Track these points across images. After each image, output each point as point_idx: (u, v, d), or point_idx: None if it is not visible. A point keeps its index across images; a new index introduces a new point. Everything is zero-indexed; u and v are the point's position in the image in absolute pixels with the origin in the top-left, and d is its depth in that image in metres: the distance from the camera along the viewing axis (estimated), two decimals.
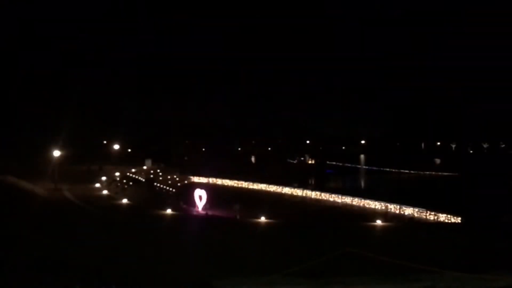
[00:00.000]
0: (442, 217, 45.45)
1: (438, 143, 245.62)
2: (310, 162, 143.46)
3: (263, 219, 36.16)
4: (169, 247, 18.71)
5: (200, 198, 51.09)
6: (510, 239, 22.02)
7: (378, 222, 36.47)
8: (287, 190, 70.06)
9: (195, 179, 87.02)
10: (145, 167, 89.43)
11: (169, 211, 39.47)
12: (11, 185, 42.33)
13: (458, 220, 43.60)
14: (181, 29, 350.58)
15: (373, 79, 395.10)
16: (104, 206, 38.55)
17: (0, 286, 10.44)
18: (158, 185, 72.83)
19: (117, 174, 70.10)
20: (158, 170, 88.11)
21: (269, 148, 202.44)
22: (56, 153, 49.51)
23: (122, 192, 52.20)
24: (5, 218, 24.30)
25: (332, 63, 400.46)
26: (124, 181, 65.39)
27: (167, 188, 72.06)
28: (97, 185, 54.18)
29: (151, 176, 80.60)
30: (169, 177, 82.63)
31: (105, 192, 49.14)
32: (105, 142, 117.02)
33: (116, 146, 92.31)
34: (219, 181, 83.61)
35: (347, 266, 9.70)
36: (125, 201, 43.59)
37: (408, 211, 49.56)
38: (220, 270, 12.28)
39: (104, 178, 61.24)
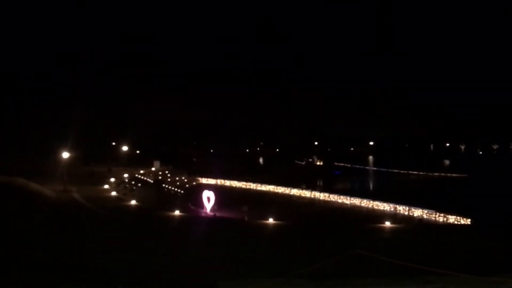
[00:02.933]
0: (452, 219, 45.12)
1: (447, 144, 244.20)
2: (318, 163, 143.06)
3: (271, 220, 36.10)
4: (176, 248, 18.71)
5: (208, 199, 51.14)
6: None
7: (387, 223, 36.27)
8: (295, 191, 69.97)
9: (203, 180, 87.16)
10: (153, 169, 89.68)
11: (177, 212, 39.55)
12: (21, 186, 42.68)
13: (468, 221, 43.25)
14: (190, 30, 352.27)
15: (382, 80, 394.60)
16: (113, 207, 38.66)
17: (9, 286, 10.49)
18: (167, 186, 72.99)
19: (126, 175, 70.35)
20: (167, 172, 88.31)
21: (277, 149, 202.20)
22: (65, 154, 49.79)
23: (130, 194, 52.34)
24: (15, 219, 24.48)
25: (341, 64, 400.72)
26: (133, 182, 65.58)
27: (176, 189, 72.20)
28: (106, 186, 54.39)
29: (160, 177, 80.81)
30: (177, 178, 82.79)
31: (113, 193, 49.31)
32: (113, 143, 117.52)
33: (125, 148, 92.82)
34: (227, 183, 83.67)
35: (356, 268, 9.62)
36: (133, 202, 43.71)
37: (417, 212, 49.28)
38: (227, 271, 12.25)
39: (112, 179, 61.46)
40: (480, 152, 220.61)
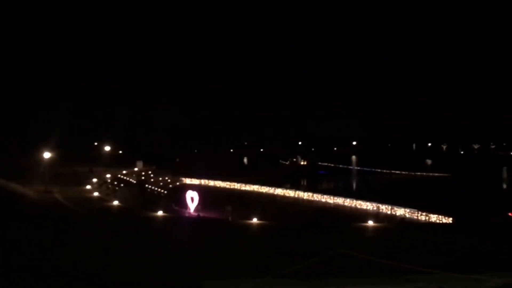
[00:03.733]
0: (433, 218, 45.74)
1: (429, 144, 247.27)
2: (302, 163, 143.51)
3: (255, 220, 36.10)
4: (160, 249, 18.58)
5: (192, 199, 51.00)
6: (500, 240, 22.15)
7: (370, 222, 36.54)
8: (279, 191, 70.18)
9: (187, 180, 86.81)
10: (136, 169, 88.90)
11: (160, 213, 39.28)
12: (0, 187, 41.91)
13: (449, 220, 43.88)
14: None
15: (364, 80, 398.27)
16: (95, 208, 38.23)
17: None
18: (150, 187, 72.50)
19: (108, 176, 69.59)
20: (150, 172, 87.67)
21: (261, 149, 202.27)
22: (47, 154, 49.05)
23: (113, 194, 51.80)
24: None
25: (325, 64, 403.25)
26: (115, 183, 64.92)
27: (159, 190, 71.78)
28: (88, 187, 53.74)
29: (143, 178, 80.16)
30: (160, 178, 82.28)
31: (96, 194, 48.75)
32: (96, 143, 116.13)
33: (107, 148, 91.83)
34: (211, 183, 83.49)
35: (339, 267, 9.67)
36: (116, 203, 43.28)
37: (400, 211, 49.85)
38: (212, 272, 12.20)
39: (94, 180, 60.75)
40: (462, 152, 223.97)
